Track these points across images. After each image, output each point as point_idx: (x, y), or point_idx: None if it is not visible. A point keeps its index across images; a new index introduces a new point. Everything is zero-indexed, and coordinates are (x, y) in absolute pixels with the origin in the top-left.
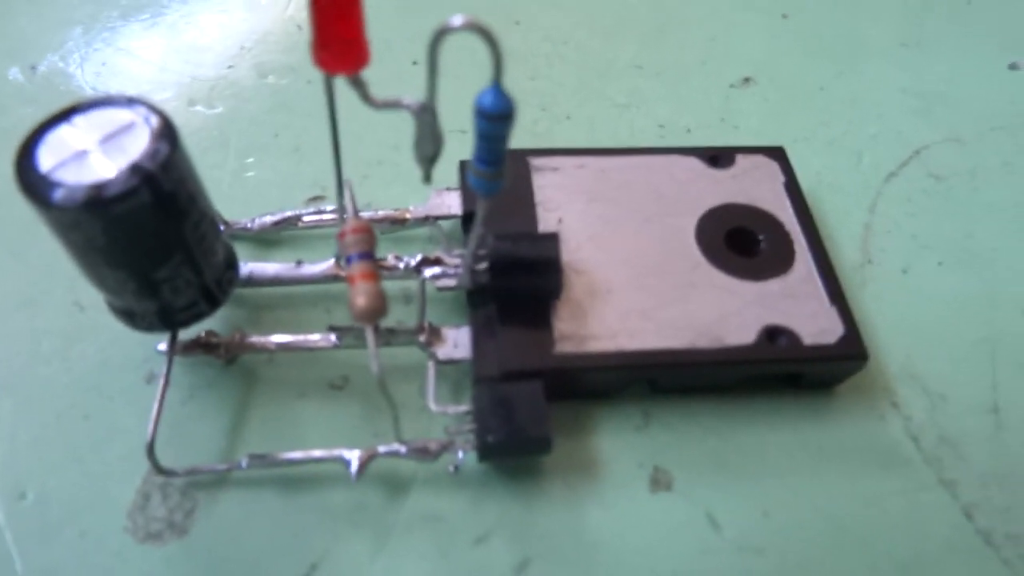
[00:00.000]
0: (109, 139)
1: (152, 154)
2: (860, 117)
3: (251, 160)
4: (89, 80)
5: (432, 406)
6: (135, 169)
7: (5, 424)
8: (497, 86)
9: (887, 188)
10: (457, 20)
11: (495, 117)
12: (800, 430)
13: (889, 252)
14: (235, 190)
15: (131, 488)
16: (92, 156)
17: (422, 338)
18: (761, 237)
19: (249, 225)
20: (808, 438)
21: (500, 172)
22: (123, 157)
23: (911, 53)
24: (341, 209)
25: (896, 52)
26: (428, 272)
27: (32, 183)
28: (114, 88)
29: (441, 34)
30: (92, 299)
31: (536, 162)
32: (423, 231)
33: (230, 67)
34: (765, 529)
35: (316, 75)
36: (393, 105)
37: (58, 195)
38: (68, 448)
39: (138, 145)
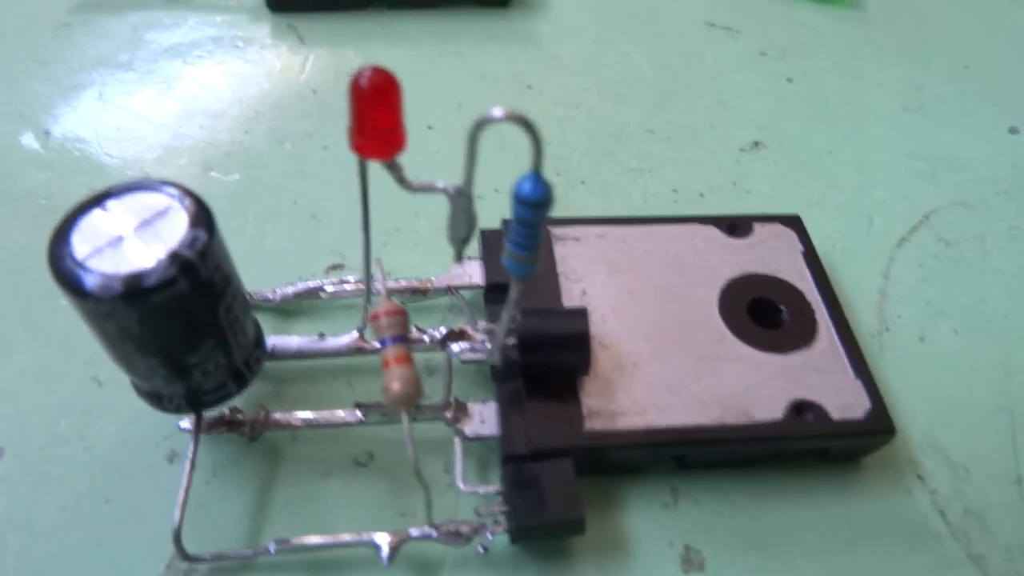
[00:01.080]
0: (145, 225)
1: (190, 242)
2: (868, 181)
3: (269, 227)
4: (104, 146)
5: (461, 486)
6: (173, 258)
7: (23, 507)
8: (536, 174)
9: (899, 253)
10: (498, 112)
11: (534, 204)
12: (828, 505)
13: (905, 319)
14: (254, 258)
15: (155, 574)
16: (128, 243)
17: (448, 414)
18: (783, 308)
19: (271, 296)
20: (837, 514)
21: (535, 256)
22: (160, 244)
23: (913, 117)
24: (369, 284)
25: (899, 116)
26: (455, 347)
27: (67, 272)
28: (129, 154)
29: (481, 124)
30: (110, 373)
31: (557, 231)
32: (444, 300)
33: (246, 132)
34: None
35: (332, 141)
36: (428, 189)
37: (94, 285)
38: (88, 533)
39: (175, 231)
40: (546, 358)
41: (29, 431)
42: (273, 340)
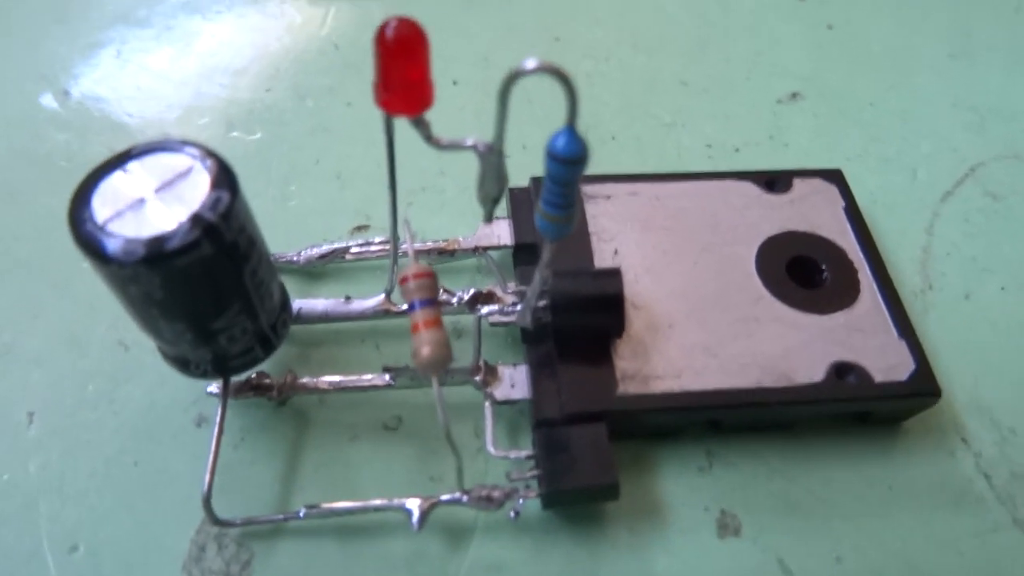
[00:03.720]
0: (166, 186)
1: (213, 204)
2: (912, 133)
3: (293, 188)
4: (124, 105)
5: (492, 450)
6: (196, 220)
7: (53, 472)
8: (571, 128)
9: (944, 208)
10: (531, 64)
11: (569, 161)
12: (868, 468)
13: (950, 276)
14: (278, 219)
15: (185, 538)
16: (149, 205)
17: (478, 377)
18: (824, 267)
19: (295, 258)
20: (877, 477)
21: (570, 216)
22: (182, 206)
23: (960, 65)
24: (396, 239)
25: (945, 64)
26: (484, 309)
27: (88, 236)
28: (149, 113)
29: (514, 77)
30: (137, 338)
31: (588, 189)
32: (472, 261)
33: (267, 90)
34: (839, 575)
35: (355, 97)
36: (457, 147)
37: (116, 249)
38: (118, 497)
39: (197, 193)
40: (578, 320)
41: (58, 396)
42: (299, 303)
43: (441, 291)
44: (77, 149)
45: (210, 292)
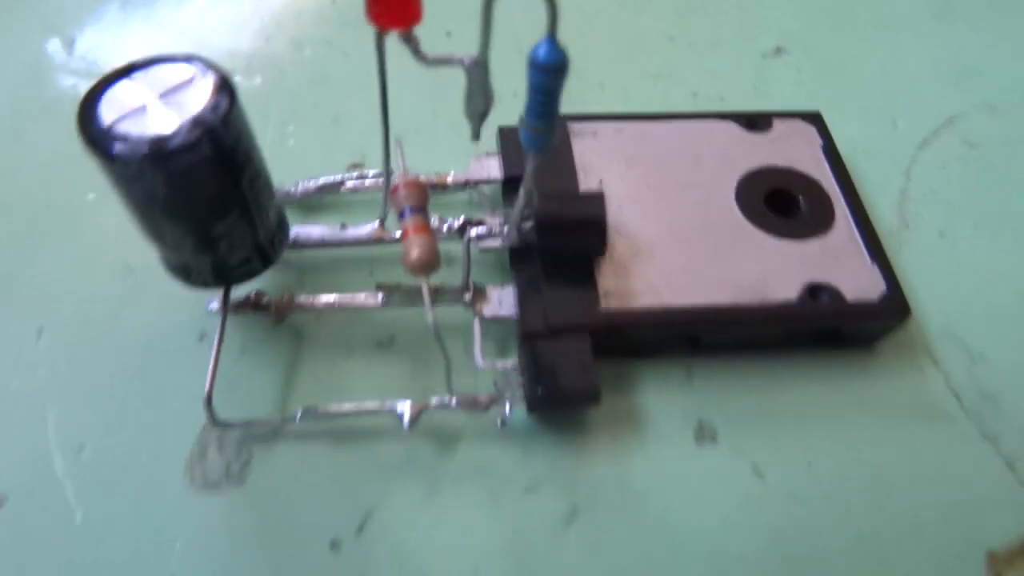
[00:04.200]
0: (168, 94)
1: (212, 108)
2: (892, 86)
3: (291, 129)
4: (127, 55)
5: (479, 361)
6: (196, 122)
7: (61, 382)
8: (551, 39)
9: (922, 155)
10: None
11: (550, 69)
12: (842, 386)
13: (925, 217)
14: (276, 158)
15: (188, 441)
16: (152, 110)
17: (467, 297)
18: (801, 198)
19: (293, 190)
20: (850, 393)
21: (551, 127)
22: (183, 111)
23: (942, 24)
24: (388, 165)
25: (928, 24)
26: (473, 232)
27: (95, 137)
28: None
29: None
30: (142, 261)
31: (575, 127)
32: (463, 196)
33: (267, 40)
34: (809, 479)
35: (352, 48)
36: (445, 62)
37: (121, 148)
38: (124, 404)
39: (198, 100)
40: (563, 240)
41: (67, 315)
42: (296, 229)
43: (434, 219)
44: (82, 93)
45: (210, 194)
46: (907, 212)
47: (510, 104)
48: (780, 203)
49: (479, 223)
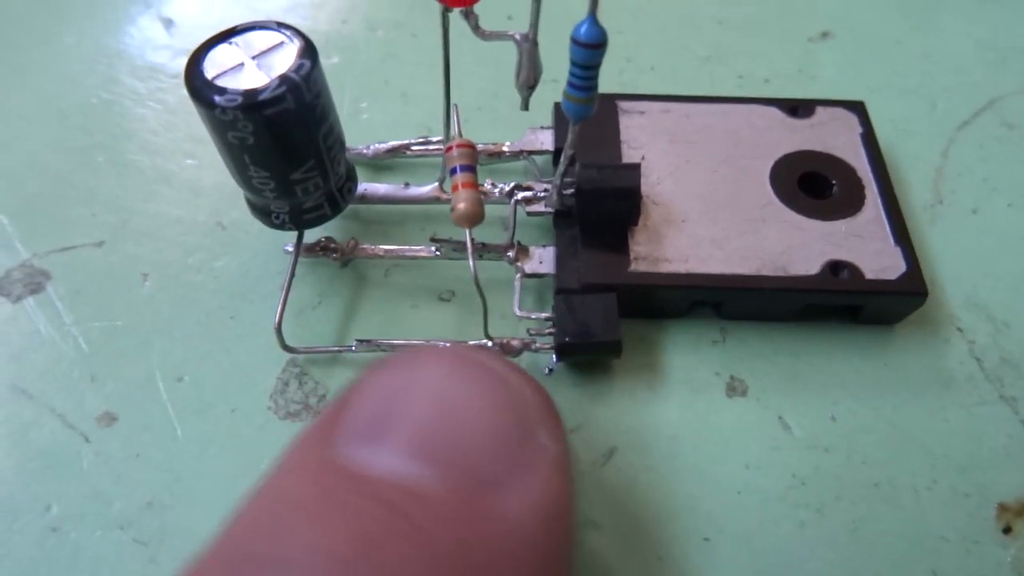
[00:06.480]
0: (261, 55)
1: (297, 68)
2: (935, 69)
3: (364, 104)
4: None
5: (517, 312)
6: (283, 79)
7: (164, 320)
8: (593, 17)
9: (960, 135)
10: None
11: (590, 45)
12: (867, 352)
13: (960, 194)
14: (351, 127)
15: (272, 376)
16: (247, 68)
17: (511, 254)
18: (834, 182)
19: (365, 151)
20: (875, 355)
21: (591, 98)
22: (273, 70)
23: (988, 8)
24: (448, 132)
25: (972, 6)
26: (520, 195)
27: (199, 88)
28: None
29: None
30: (232, 218)
31: (624, 105)
32: (517, 165)
33: (343, 22)
34: (832, 431)
35: (420, 29)
36: (499, 37)
37: (220, 98)
38: (217, 342)
39: (285, 61)
40: (599, 207)
41: (167, 263)
42: (364, 186)
43: (487, 183)
44: (181, 64)
45: (291, 143)
46: (942, 189)
47: (559, 88)
48: (813, 185)
49: (528, 188)
